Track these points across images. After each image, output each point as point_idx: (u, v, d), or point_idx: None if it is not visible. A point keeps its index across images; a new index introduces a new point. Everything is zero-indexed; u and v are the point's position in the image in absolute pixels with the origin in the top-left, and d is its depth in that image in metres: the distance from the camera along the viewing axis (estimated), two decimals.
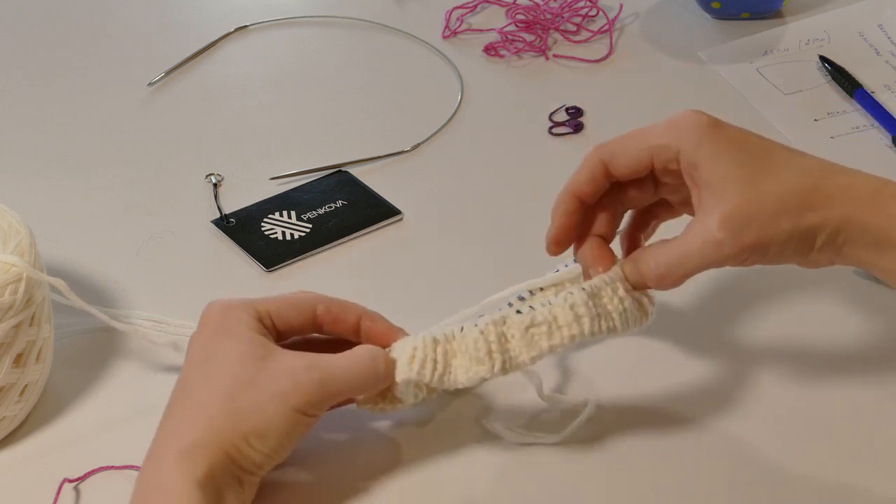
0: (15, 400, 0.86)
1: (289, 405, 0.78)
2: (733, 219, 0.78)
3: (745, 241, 0.78)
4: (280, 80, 1.22)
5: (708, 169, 0.79)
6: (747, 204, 0.78)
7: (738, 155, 0.80)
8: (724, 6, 1.25)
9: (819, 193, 0.79)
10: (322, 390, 0.79)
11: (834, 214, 0.79)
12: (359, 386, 0.81)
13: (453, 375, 0.82)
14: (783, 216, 0.78)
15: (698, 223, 0.79)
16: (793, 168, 0.80)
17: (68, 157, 1.14)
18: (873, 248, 0.80)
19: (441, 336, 0.82)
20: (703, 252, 0.79)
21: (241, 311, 0.82)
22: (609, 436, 0.86)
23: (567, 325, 0.81)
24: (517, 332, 0.81)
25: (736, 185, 0.79)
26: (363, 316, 0.85)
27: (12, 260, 0.85)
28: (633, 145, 0.83)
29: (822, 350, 0.91)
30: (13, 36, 1.30)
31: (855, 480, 0.83)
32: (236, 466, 0.78)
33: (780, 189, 0.79)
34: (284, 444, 0.79)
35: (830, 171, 0.80)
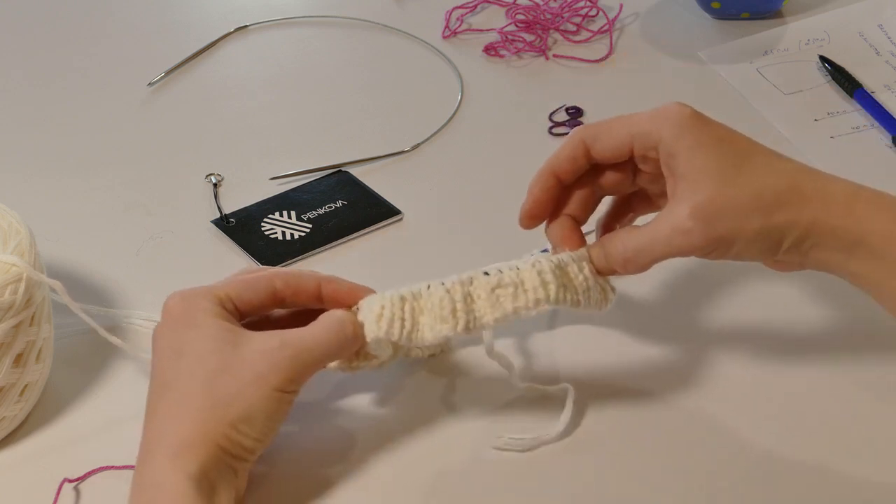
0: (15, 400, 0.86)
1: (269, 386, 0.79)
2: (704, 210, 0.79)
3: (713, 232, 0.79)
4: (280, 80, 1.23)
5: (686, 160, 0.80)
6: (720, 197, 0.79)
7: (717, 149, 0.81)
8: (724, 6, 1.25)
9: (793, 194, 0.80)
10: (298, 365, 0.80)
11: (804, 217, 0.80)
12: (331, 353, 0.83)
13: (420, 333, 0.83)
14: (754, 213, 0.79)
15: (669, 211, 0.81)
16: (770, 168, 0.81)
17: (68, 157, 1.14)
18: (842, 252, 0.81)
19: (408, 294, 0.83)
20: (671, 239, 0.80)
21: (203, 299, 0.83)
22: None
23: (533, 288, 0.82)
24: (483, 293, 0.82)
25: (711, 178, 0.80)
26: (322, 281, 0.86)
27: (12, 260, 0.85)
28: (616, 129, 0.84)
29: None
30: (13, 36, 1.30)
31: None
32: (228, 456, 0.79)
33: (755, 186, 0.80)
34: (271, 426, 0.80)
35: (807, 175, 0.81)
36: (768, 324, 0.94)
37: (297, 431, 0.87)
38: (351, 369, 0.86)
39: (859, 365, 0.90)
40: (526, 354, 0.92)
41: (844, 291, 0.90)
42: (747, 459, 0.85)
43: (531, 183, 0.86)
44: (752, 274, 0.97)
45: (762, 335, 0.93)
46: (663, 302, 0.96)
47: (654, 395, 0.89)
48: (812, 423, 0.87)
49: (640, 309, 0.96)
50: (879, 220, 0.80)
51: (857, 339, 0.92)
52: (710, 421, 0.87)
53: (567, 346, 0.93)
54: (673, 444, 0.86)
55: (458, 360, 0.92)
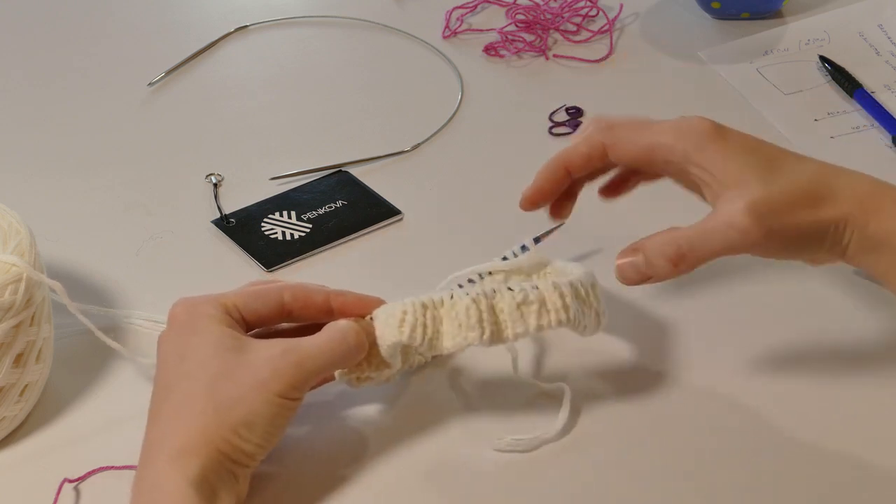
0: (15, 400, 0.86)
1: (271, 392, 0.79)
2: (759, 206, 0.80)
3: (768, 228, 0.81)
4: (280, 80, 1.23)
5: (721, 169, 0.82)
6: (770, 194, 0.81)
7: (747, 156, 0.82)
8: (724, 6, 1.25)
9: (828, 192, 0.82)
10: (300, 372, 0.80)
11: (841, 212, 0.81)
12: (334, 362, 0.83)
13: (441, 340, 0.83)
14: (803, 209, 0.81)
15: (723, 209, 0.81)
16: (801, 169, 0.83)
17: (68, 157, 1.14)
18: (870, 251, 0.82)
19: (429, 301, 0.83)
20: (727, 235, 0.81)
21: (209, 306, 0.83)
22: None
23: (555, 309, 0.83)
24: (507, 307, 0.83)
25: (754, 179, 0.81)
26: (331, 294, 0.86)
27: (12, 260, 0.85)
28: (637, 139, 0.85)
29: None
30: (13, 36, 1.30)
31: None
32: (229, 461, 0.79)
33: (795, 185, 0.81)
34: (273, 432, 0.80)
35: (834, 172, 0.83)
36: (768, 324, 0.94)
37: (302, 432, 0.87)
38: (359, 381, 0.86)
39: (860, 366, 0.91)
40: (525, 354, 0.92)
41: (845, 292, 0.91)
42: (747, 458, 0.85)
43: (540, 170, 0.87)
44: (751, 274, 0.97)
45: (762, 336, 0.93)
46: (662, 301, 0.96)
47: (654, 396, 0.89)
48: (812, 423, 0.87)
49: (639, 308, 0.96)
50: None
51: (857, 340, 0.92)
52: (710, 420, 0.87)
53: (566, 346, 0.93)
54: (672, 445, 0.86)
55: (458, 361, 0.92)
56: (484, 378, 0.91)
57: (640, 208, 0.97)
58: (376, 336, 0.84)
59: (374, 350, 0.85)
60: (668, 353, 0.92)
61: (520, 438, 0.85)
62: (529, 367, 0.91)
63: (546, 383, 0.89)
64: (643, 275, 0.84)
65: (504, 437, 0.85)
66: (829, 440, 0.86)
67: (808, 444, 0.86)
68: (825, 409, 0.88)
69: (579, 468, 0.85)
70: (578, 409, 0.88)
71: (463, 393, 0.90)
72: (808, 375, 0.90)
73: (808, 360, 0.91)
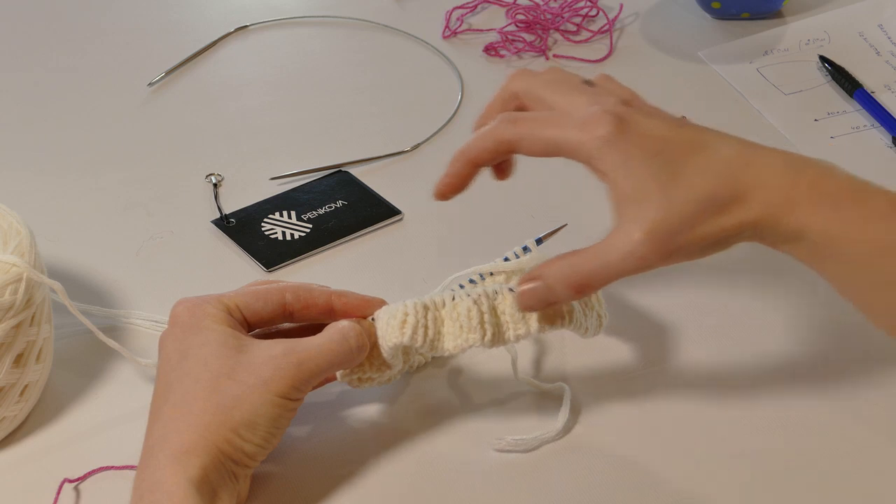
0: (15, 400, 0.86)
1: (271, 392, 0.79)
2: (656, 232, 0.77)
3: (668, 251, 0.78)
4: (280, 80, 1.23)
5: (622, 177, 0.78)
6: (667, 215, 0.77)
7: (649, 162, 0.78)
8: (724, 6, 1.25)
9: (735, 196, 0.77)
10: (301, 373, 0.80)
11: (750, 216, 0.78)
12: (335, 362, 0.83)
13: (442, 342, 0.83)
14: (703, 222, 0.77)
15: (620, 235, 0.78)
16: (707, 170, 0.78)
17: (68, 157, 1.14)
18: (788, 243, 0.78)
19: (430, 302, 0.83)
20: (626, 265, 0.78)
21: (210, 306, 0.83)
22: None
23: (557, 311, 0.83)
24: (508, 309, 0.83)
25: (652, 195, 0.77)
26: (332, 295, 0.86)
27: (12, 260, 0.85)
28: (542, 137, 0.81)
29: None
30: (13, 36, 1.30)
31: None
32: (230, 461, 0.79)
33: (697, 195, 0.77)
34: (274, 432, 0.80)
35: (742, 166, 0.78)
36: (768, 325, 0.94)
37: (302, 432, 0.87)
38: (360, 382, 0.86)
39: (865, 366, 0.91)
40: (525, 354, 0.92)
41: None
42: (746, 458, 0.85)
43: (449, 165, 0.84)
44: (752, 276, 0.97)
45: (762, 336, 0.93)
46: (663, 301, 0.96)
47: (654, 396, 0.89)
48: (812, 423, 0.87)
49: (639, 308, 0.96)
50: (817, 216, 0.77)
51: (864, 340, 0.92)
52: (710, 420, 0.87)
53: (566, 346, 0.93)
54: (672, 445, 0.86)
55: (458, 362, 0.92)
56: (484, 378, 0.91)
57: None
58: (377, 337, 0.84)
59: (375, 351, 0.85)
60: (668, 353, 0.92)
61: (520, 438, 0.85)
62: (529, 367, 0.91)
63: (546, 383, 0.89)
64: (544, 301, 0.81)
65: (504, 437, 0.85)
66: (830, 440, 0.86)
67: (809, 444, 0.86)
68: (826, 408, 0.88)
69: (579, 468, 0.85)
70: (578, 409, 0.88)
71: (463, 393, 0.90)
72: (809, 376, 0.90)
73: (810, 360, 0.91)
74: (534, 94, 0.83)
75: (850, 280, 0.79)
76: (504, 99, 0.84)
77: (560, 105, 0.82)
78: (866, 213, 0.77)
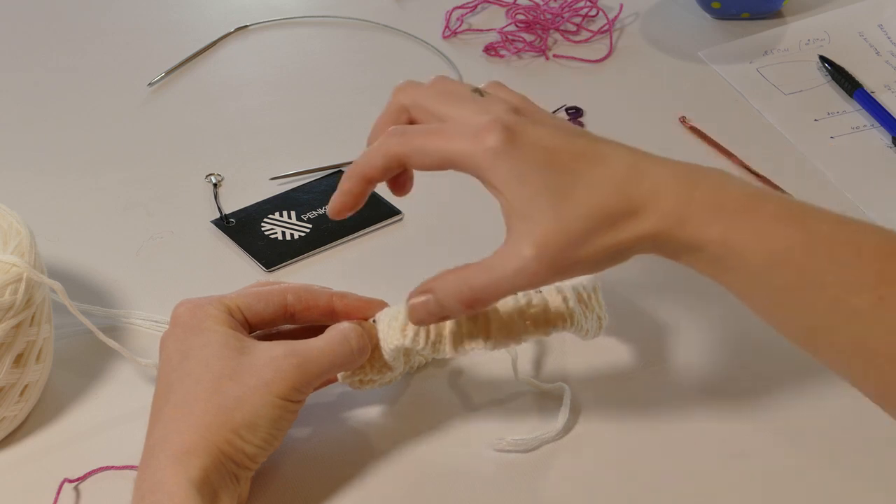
0: (15, 400, 0.86)
1: (273, 393, 0.79)
2: (547, 248, 0.75)
3: (560, 267, 0.76)
4: (280, 80, 1.23)
5: (512, 193, 0.76)
6: (559, 230, 0.75)
7: (540, 176, 0.76)
8: (724, 6, 1.25)
9: (627, 211, 0.76)
10: (302, 374, 0.80)
11: (643, 230, 0.76)
12: (337, 364, 0.83)
13: (443, 345, 0.83)
14: (595, 238, 0.76)
15: (511, 251, 0.77)
16: (599, 184, 0.76)
17: (68, 156, 1.14)
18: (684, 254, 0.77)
19: None
20: (516, 279, 0.77)
21: (212, 307, 0.83)
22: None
23: (559, 314, 0.83)
24: (511, 311, 0.83)
25: (543, 211, 0.75)
26: (334, 296, 0.86)
27: (12, 260, 0.85)
28: (433, 150, 0.79)
29: None
30: (13, 36, 1.30)
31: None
32: (231, 462, 0.79)
33: (588, 210, 0.76)
34: (275, 434, 0.80)
35: (637, 178, 0.76)
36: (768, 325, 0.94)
37: (303, 433, 0.87)
38: (361, 383, 0.86)
39: None
40: (525, 354, 0.92)
41: None
42: (746, 458, 0.85)
43: (341, 183, 0.82)
44: None
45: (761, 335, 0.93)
46: (663, 302, 0.96)
47: (654, 396, 0.89)
48: (813, 423, 0.87)
49: (639, 309, 0.96)
50: (714, 227, 0.75)
51: None
52: (710, 420, 0.87)
53: (566, 346, 0.93)
54: (672, 445, 0.86)
55: (458, 362, 0.92)
56: (484, 378, 0.91)
57: None
58: (379, 339, 0.84)
59: (377, 353, 0.85)
60: (668, 353, 0.92)
61: (520, 438, 0.85)
62: (529, 367, 0.91)
63: (546, 383, 0.89)
64: (435, 315, 0.80)
65: (504, 437, 0.85)
66: (830, 440, 0.86)
67: (809, 444, 0.86)
68: (826, 408, 0.88)
69: (579, 468, 0.85)
70: (578, 409, 0.88)
71: (463, 393, 0.90)
72: (810, 376, 0.90)
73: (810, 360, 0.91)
74: (422, 105, 0.81)
75: (751, 290, 0.77)
76: (392, 112, 0.82)
77: (449, 116, 0.79)
78: (760, 221, 0.75)
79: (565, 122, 0.81)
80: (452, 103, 0.80)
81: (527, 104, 0.81)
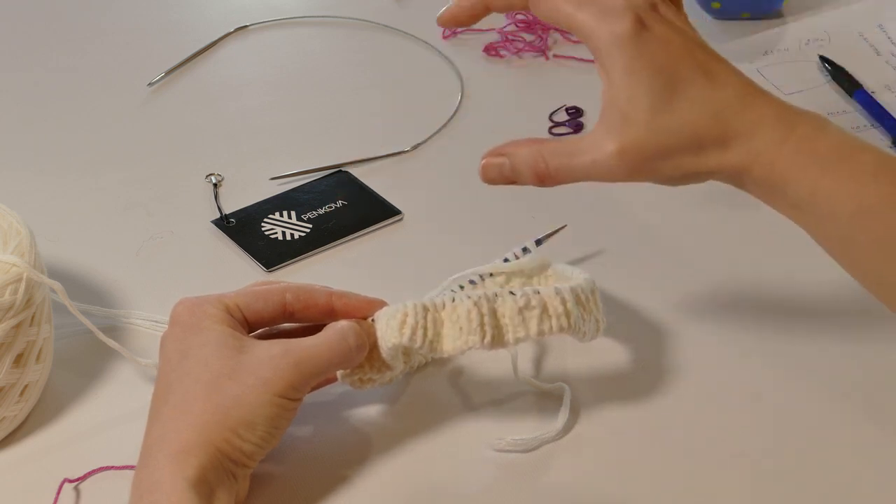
0: (15, 400, 0.86)
1: (270, 392, 0.79)
2: (631, 152, 0.77)
3: (637, 173, 0.78)
4: (280, 80, 1.23)
5: (618, 84, 0.77)
6: (647, 139, 0.77)
7: (650, 80, 0.77)
8: (724, 6, 1.25)
9: (719, 137, 0.77)
10: (300, 373, 0.80)
11: (728, 162, 0.77)
12: (335, 362, 0.82)
13: (441, 343, 0.83)
14: (682, 156, 0.77)
15: (595, 142, 0.78)
16: (702, 102, 0.77)
17: (68, 156, 1.14)
18: (766, 195, 0.78)
19: (430, 304, 0.83)
20: (592, 169, 0.79)
21: (210, 306, 0.83)
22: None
23: (557, 315, 0.83)
24: (509, 311, 0.83)
25: (640, 114, 0.77)
26: (333, 295, 0.86)
27: (12, 260, 0.85)
28: (561, 9, 0.79)
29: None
30: (13, 36, 1.30)
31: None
32: (228, 461, 0.79)
33: (682, 127, 0.77)
34: (273, 432, 0.80)
35: (742, 106, 0.77)
36: (768, 322, 0.94)
37: (303, 433, 0.87)
38: (361, 382, 0.86)
39: (860, 364, 0.91)
40: (525, 354, 0.92)
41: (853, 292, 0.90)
42: (747, 458, 0.85)
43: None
44: (750, 271, 0.97)
45: (761, 334, 0.93)
46: (663, 302, 0.96)
47: (654, 396, 0.89)
48: (813, 423, 0.87)
49: (639, 309, 0.96)
50: (804, 174, 0.76)
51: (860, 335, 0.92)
52: (710, 420, 0.87)
53: (566, 347, 0.93)
54: (672, 445, 0.86)
55: (458, 362, 0.92)
56: (484, 378, 0.91)
57: (644, 213, 0.97)
58: (377, 338, 0.84)
59: (376, 352, 0.85)
60: (668, 353, 0.92)
61: (520, 438, 0.85)
62: (529, 367, 0.91)
63: (546, 383, 0.89)
64: (507, 178, 0.82)
65: (504, 437, 0.85)
66: (831, 440, 0.86)
67: (810, 444, 0.86)
68: (826, 408, 0.88)
69: (579, 468, 0.85)
70: (578, 409, 0.88)
71: (463, 393, 0.90)
72: (810, 376, 0.90)
73: (811, 360, 0.91)
74: None
75: (836, 238, 0.78)
76: None
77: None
78: (854, 171, 0.76)
79: (694, 32, 0.81)
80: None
81: (667, 4, 0.81)
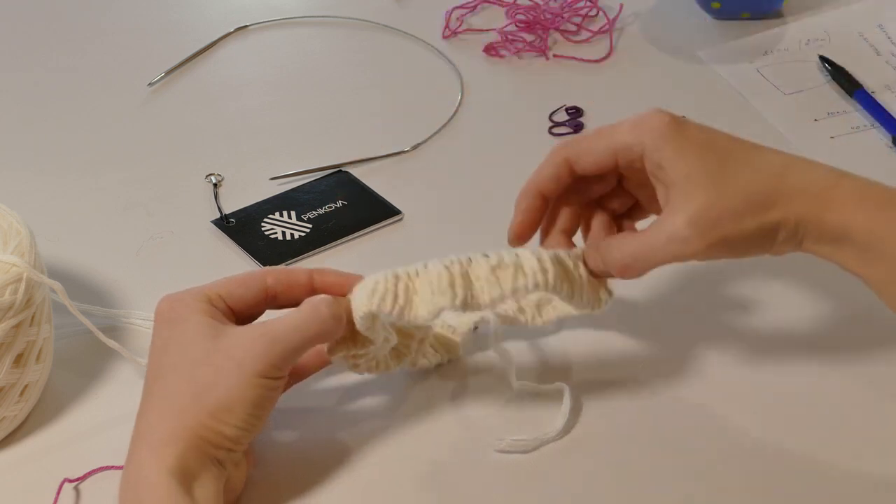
0: (15, 400, 0.86)
1: (247, 372, 0.79)
2: (700, 219, 0.80)
3: (710, 239, 0.81)
4: (280, 80, 1.23)
5: (672, 168, 0.81)
6: (713, 203, 0.80)
7: (701, 154, 0.82)
8: (724, 6, 1.25)
9: (779, 191, 0.81)
10: (276, 350, 0.80)
11: (792, 212, 0.81)
12: (310, 335, 0.82)
13: (414, 310, 0.82)
14: (747, 215, 0.81)
15: (666, 220, 0.81)
16: (752, 166, 0.82)
17: (68, 156, 1.14)
18: (830, 244, 0.81)
19: (403, 273, 0.83)
20: (668, 247, 0.81)
21: (191, 298, 0.83)
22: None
23: (532, 272, 0.82)
24: (482, 273, 0.82)
25: (700, 185, 0.81)
26: (313, 273, 0.86)
27: (12, 260, 0.85)
28: (597, 146, 0.85)
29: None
30: (13, 36, 1.30)
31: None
32: (211, 446, 0.79)
33: (743, 189, 0.81)
34: (256, 413, 0.80)
35: (788, 168, 0.82)
36: (767, 321, 0.94)
37: (301, 433, 0.87)
38: (353, 360, 0.85)
39: (858, 360, 0.91)
40: (523, 354, 0.92)
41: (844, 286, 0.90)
42: (748, 456, 0.85)
43: (517, 202, 0.87)
44: (748, 271, 0.97)
45: (761, 332, 0.93)
46: (660, 299, 0.96)
47: (653, 394, 0.89)
48: (813, 419, 0.87)
49: (637, 306, 0.96)
50: (861, 214, 0.80)
51: (856, 334, 0.92)
52: (711, 418, 0.87)
53: (563, 346, 0.93)
54: (673, 445, 0.86)
55: (458, 362, 0.92)
56: (484, 378, 0.91)
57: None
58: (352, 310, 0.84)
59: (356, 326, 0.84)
60: (669, 353, 0.92)
61: (520, 439, 0.85)
62: (529, 367, 0.91)
63: (546, 383, 0.89)
64: (602, 272, 0.85)
65: (504, 437, 0.85)
66: (832, 440, 0.86)
67: (810, 444, 0.86)
68: (827, 408, 0.88)
69: (579, 468, 0.85)
70: (578, 409, 0.88)
71: (463, 394, 0.90)
72: (810, 375, 0.90)
73: (811, 361, 0.91)
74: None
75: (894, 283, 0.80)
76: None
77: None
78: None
79: None
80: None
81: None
